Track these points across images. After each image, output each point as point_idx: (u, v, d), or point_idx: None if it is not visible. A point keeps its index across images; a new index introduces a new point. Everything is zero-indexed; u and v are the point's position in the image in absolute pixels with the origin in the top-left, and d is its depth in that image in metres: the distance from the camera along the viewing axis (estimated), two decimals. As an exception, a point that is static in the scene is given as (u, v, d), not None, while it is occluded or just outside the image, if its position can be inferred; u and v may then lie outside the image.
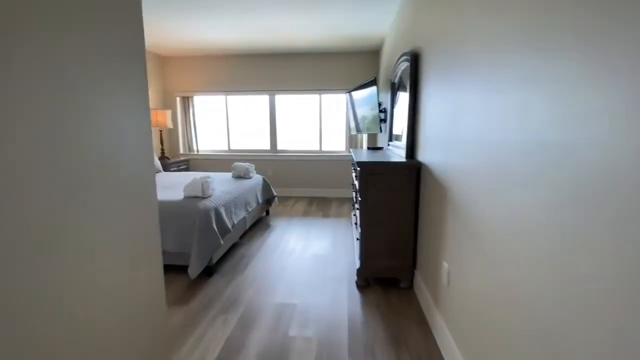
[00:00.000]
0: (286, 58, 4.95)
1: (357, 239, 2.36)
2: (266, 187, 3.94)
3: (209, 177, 2.65)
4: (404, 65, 2.50)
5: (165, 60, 5.13)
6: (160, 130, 4.69)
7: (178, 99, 5.21)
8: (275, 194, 4.06)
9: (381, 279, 2.33)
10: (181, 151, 5.33)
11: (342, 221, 3.84)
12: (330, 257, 2.77)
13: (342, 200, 4.94)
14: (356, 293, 2.18)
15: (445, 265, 1.57)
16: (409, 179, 2.09)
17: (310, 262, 2.68)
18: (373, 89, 3.32)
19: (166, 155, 4.85)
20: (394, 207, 2.12)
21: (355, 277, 2.37)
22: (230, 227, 2.65)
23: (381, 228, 2.15)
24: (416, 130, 2.21)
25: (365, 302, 2.07)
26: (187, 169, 4.98)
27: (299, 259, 2.74)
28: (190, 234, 2.33)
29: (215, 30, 3.81)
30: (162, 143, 4.71)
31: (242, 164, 3.66)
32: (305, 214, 4.19)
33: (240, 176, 3.62)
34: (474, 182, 1.24)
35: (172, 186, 3.05)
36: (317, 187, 5.22)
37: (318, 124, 5.16)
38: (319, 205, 4.63)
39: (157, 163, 4.08)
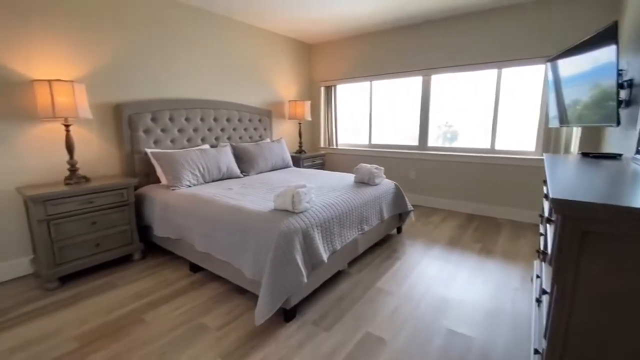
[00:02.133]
0: (447, 23, 3.66)
1: None
2: (398, 197, 2.96)
3: (304, 186, 1.99)
4: None
5: (311, 49, 4.87)
6: (300, 123, 4.48)
7: (322, 88, 4.88)
8: (410, 207, 3.02)
9: None
10: (322, 144, 5.03)
11: (514, 268, 2.40)
12: (478, 347, 1.59)
13: (519, 227, 3.30)
14: None
15: None
16: None
17: (437, 345, 1.60)
18: (608, 48, 1.73)
19: (303, 148, 4.64)
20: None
21: None
22: (324, 257, 1.92)
23: (612, 366, 0.86)
24: None
25: None
26: (322, 165, 4.61)
27: (421, 330, 1.71)
28: (267, 260, 1.75)
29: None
30: (300, 136, 4.49)
31: (368, 166, 2.83)
32: (454, 241, 2.94)
33: (363, 182, 2.82)
34: None
35: (279, 188, 2.60)
36: (481, 201, 3.73)
37: (492, 111, 3.62)
38: (479, 230, 3.22)
39: (287, 157, 3.84)
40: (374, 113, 4.53)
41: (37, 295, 2.07)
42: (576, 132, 3.11)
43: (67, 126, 2.32)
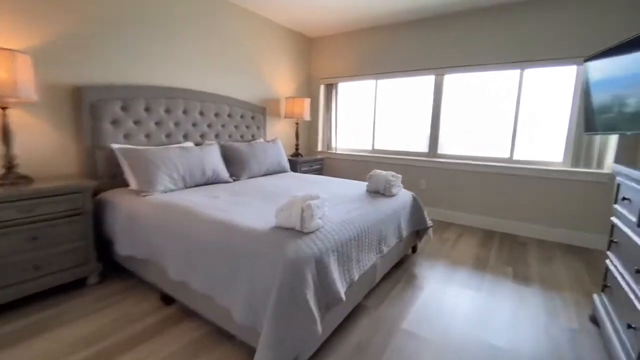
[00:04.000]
0: (465, 18, 3.30)
1: None
2: (417, 211, 2.52)
3: (317, 197, 1.51)
4: None
5: (312, 43, 4.43)
6: (297, 123, 4.01)
7: (322, 86, 4.44)
8: (430, 223, 2.59)
9: None
10: (319, 148, 4.57)
11: (562, 301, 1.98)
12: None
13: (546, 247, 2.91)
14: None
15: None
16: None
17: None
18: None
19: (300, 151, 4.16)
20: None
21: None
22: (342, 292, 1.44)
23: None
24: None
25: None
26: (320, 171, 4.14)
27: (474, 399, 1.24)
28: (265, 302, 1.26)
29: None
30: (297, 137, 4.02)
31: (383, 173, 2.38)
32: (480, 263, 2.52)
33: (377, 191, 2.37)
34: None
35: (278, 197, 2.11)
36: (499, 216, 3.34)
37: (513, 117, 3.26)
38: (502, 249, 2.82)
39: (284, 160, 3.35)
40: (378, 115, 4.12)
41: (-59, 339, 1.50)
42: (612, 141, 2.77)
43: (3, 109, 1.77)
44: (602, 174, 2.79)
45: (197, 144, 2.85)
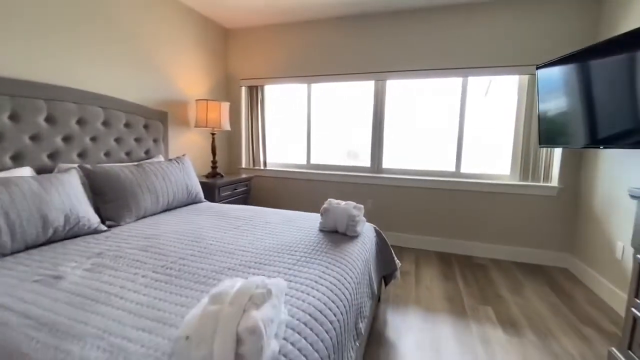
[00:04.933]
0: (408, 18, 2.95)
1: None
2: (383, 250, 1.94)
3: (268, 292, 0.74)
4: None
5: (230, 35, 3.59)
6: (213, 133, 3.09)
7: (243, 89, 3.62)
8: (398, 263, 2.03)
9: None
10: (244, 164, 3.71)
11: (566, 356, 1.61)
12: None
13: (503, 269, 2.66)
14: None
15: None
16: None
17: None
18: None
19: (218, 171, 3.23)
20: None
21: None
22: None
23: None
24: None
25: None
26: (246, 195, 3.29)
27: None
28: None
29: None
30: (214, 152, 3.09)
31: (342, 205, 1.72)
32: (455, 306, 2.06)
33: (336, 231, 1.70)
34: None
35: (184, 267, 1.25)
36: (451, 236, 3.04)
37: (457, 128, 3.01)
38: (467, 279, 2.45)
39: (194, 185, 2.42)
40: (313, 125, 3.50)
41: None
42: (557, 155, 2.69)
43: None
44: (551, 187, 2.69)
45: (42, 171, 1.74)
